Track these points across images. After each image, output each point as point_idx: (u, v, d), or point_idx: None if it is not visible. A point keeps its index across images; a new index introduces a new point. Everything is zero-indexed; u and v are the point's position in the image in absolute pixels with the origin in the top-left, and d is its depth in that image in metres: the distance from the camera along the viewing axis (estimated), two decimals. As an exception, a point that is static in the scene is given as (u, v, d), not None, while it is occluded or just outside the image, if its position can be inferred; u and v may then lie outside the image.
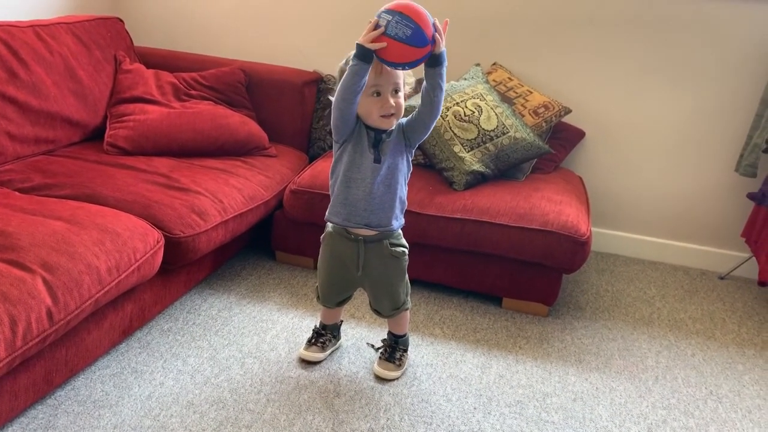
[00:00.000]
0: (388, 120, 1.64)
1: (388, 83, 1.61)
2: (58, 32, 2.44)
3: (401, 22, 1.48)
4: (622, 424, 1.80)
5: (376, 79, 1.60)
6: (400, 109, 1.65)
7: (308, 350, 1.96)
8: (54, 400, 1.70)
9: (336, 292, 1.90)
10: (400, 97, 1.64)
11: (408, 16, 1.48)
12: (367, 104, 1.63)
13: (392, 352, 1.94)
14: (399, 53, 1.50)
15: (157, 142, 2.42)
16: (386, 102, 1.62)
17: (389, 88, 1.62)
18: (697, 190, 2.81)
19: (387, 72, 1.59)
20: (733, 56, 2.61)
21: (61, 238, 1.65)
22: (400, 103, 1.64)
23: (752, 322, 2.45)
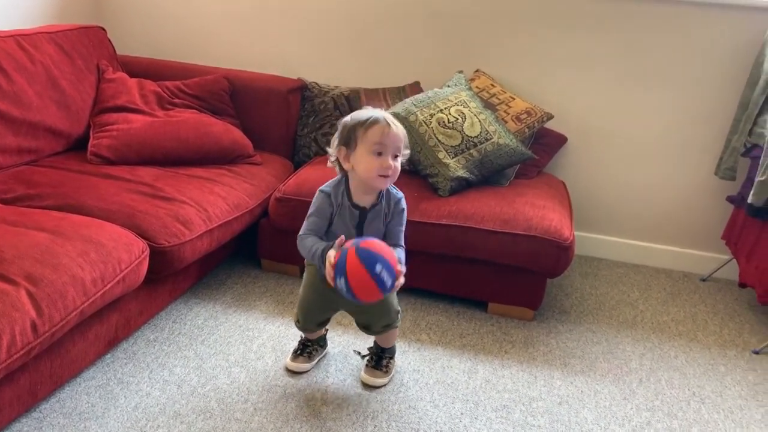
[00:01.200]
0: (384, 180, 1.66)
1: (391, 146, 1.64)
2: (40, 42, 2.43)
3: (345, 288, 1.54)
4: (607, 426, 1.82)
5: (381, 138, 1.62)
6: (396, 173, 1.67)
7: (295, 361, 1.95)
8: (39, 413, 1.69)
9: (317, 313, 1.88)
10: (398, 162, 1.66)
11: (351, 290, 1.54)
12: (367, 162, 1.64)
13: (378, 359, 1.94)
14: (368, 293, 1.56)
15: (141, 152, 2.41)
16: (386, 163, 1.63)
17: (391, 152, 1.64)
18: (678, 193, 2.85)
19: (393, 135, 1.63)
20: (711, 62, 2.65)
21: (45, 249, 1.64)
22: (397, 167, 1.66)
23: (734, 323, 2.48)
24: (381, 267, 1.51)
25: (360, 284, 1.52)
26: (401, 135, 1.65)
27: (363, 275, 1.51)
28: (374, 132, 1.62)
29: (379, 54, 2.96)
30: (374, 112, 1.66)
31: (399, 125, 1.66)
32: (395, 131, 1.63)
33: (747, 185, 2.47)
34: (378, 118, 1.64)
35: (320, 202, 1.73)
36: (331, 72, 3.00)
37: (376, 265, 1.51)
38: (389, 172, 1.64)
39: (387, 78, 2.93)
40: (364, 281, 1.52)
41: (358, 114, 1.68)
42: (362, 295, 1.55)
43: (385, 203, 1.74)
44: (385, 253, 1.55)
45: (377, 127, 1.62)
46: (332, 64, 3.02)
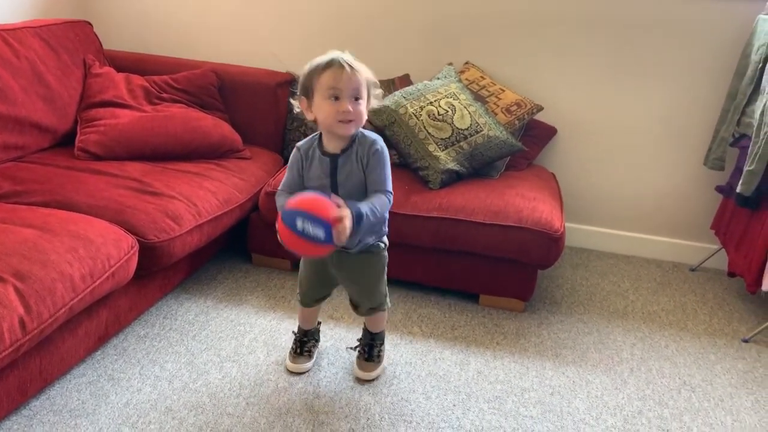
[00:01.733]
0: (346, 126, 1.57)
1: (347, 89, 1.55)
2: (25, 36, 2.40)
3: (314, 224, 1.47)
4: (599, 416, 1.83)
5: (335, 82, 1.54)
6: (360, 117, 1.58)
7: (296, 362, 1.92)
8: (29, 410, 1.68)
9: (314, 289, 1.88)
10: (360, 105, 1.58)
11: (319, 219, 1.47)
12: (324, 107, 1.57)
13: (370, 349, 1.94)
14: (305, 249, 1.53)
15: (129, 147, 2.39)
16: (342, 106, 1.55)
17: (348, 94, 1.55)
18: (668, 184, 2.87)
19: (347, 77, 1.54)
20: (699, 53, 2.66)
21: (33, 245, 1.62)
22: (360, 110, 1.57)
23: (723, 312, 2.50)
24: (302, 221, 1.45)
25: (292, 243, 1.49)
26: (359, 77, 1.56)
27: (289, 235, 1.48)
28: (327, 76, 1.54)
29: (369, 46, 2.94)
30: (331, 54, 1.57)
31: (359, 66, 1.57)
32: (349, 73, 1.54)
33: (735, 175, 2.49)
34: (332, 60, 1.55)
35: (292, 157, 1.69)
36: (320, 65, 2.99)
37: (296, 221, 1.46)
38: (349, 117, 1.55)
39: (376, 70, 2.84)
40: (293, 240, 1.48)
41: (315, 59, 1.59)
42: (303, 251, 1.54)
43: (357, 146, 1.63)
44: (306, 205, 1.48)
45: (330, 71, 1.54)
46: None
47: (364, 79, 1.58)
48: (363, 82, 1.57)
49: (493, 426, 1.75)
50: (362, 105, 1.58)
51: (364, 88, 1.59)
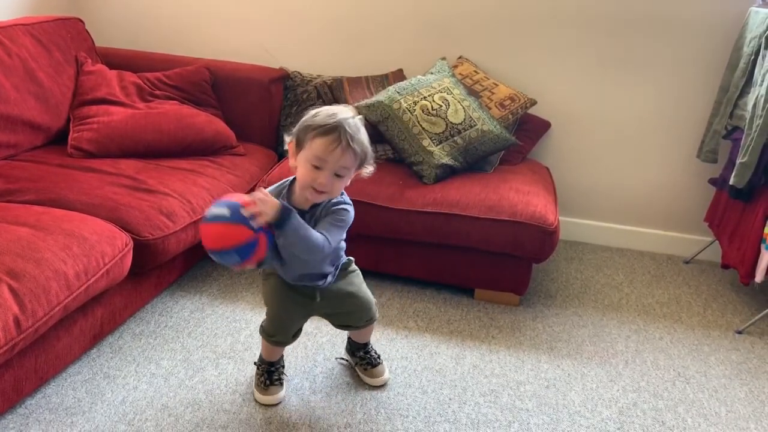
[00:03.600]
0: (317, 195, 1.51)
1: (332, 164, 1.47)
2: (16, 34, 2.39)
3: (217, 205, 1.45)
4: (594, 408, 1.84)
5: (323, 153, 1.46)
6: (335, 192, 1.54)
7: (269, 393, 1.78)
8: (24, 409, 1.67)
9: (296, 323, 1.77)
10: (341, 182, 1.51)
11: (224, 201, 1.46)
12: (304, 170, 1.50)
13: (368, 356, 1.90)
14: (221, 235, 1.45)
15: (123, 144, 2.38)
16: (320, 178, 1.47)
17: (330, 169, 1.48)
18: (661, 177, 2.87)
19: (338, 153, 1.46)
20: (692, 46, 2.67)
21: (27, 244, 1.62)
22: (338, 187, 1.52)
23: (717, 304, 2.51)
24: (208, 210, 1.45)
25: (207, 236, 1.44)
26: (350, 156, 1.47)
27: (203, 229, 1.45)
28: (318, 144, 1.46)
29: (362, 42, 2.94)
30: (338, 119, 1.47)
31: (359, 142, 1.49)
32: (340, 152, 1.46)
33: (729, 167, 2.50)
34: (333, 128, 1.46)
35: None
36: (314, 61, 2.99)
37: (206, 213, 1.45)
38: (321, 188, 1.49)
39: (370, 66, 2.92)
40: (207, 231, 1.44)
41: (324, 112, 1.51)
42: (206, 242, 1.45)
43: (323, 207, 1.57)
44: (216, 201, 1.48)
45: (325, 140, 1.46)
46: (314, 53, 3.00)
47: (356, 158, 1.50)
48: (354, 161, 1.50)
49: (489, 419, 1.76)
50: (343, 182, 1.52)
51: (354, 167, 1.52)
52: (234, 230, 1.42)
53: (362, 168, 1.56)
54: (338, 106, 1.55)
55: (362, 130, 1.52)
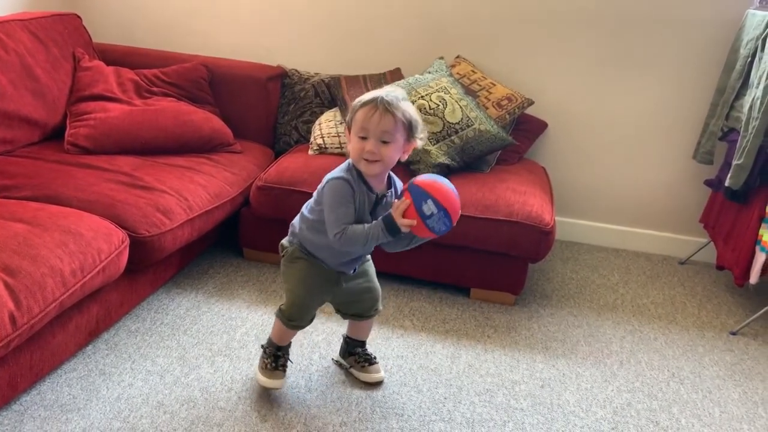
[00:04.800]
0: (370, 165, 1.56)
1: (374, 131, 1.53)
2: (13, 30, 2.38)
3: (444, 219, 1.52)
4: (589, 408, 1.85)
5: (363, 122, 1.54)
6: (387, 160, 1.56)
7: (272, 377, 1.78)
8: (19, 405, 1.67)
9: (315, 308, 1.78)
10: (388, 148, 1.54)
11: (450, 217, 1.53)
12: (353, 143, 1.57)
13: (366, 354, 1.91)
14: (421, 233, 1.56)
15: (120, 141, 2.38)
16: (367, 146, 1.54)
17: (374, 136, 1.53)
18: (657, 178, 2.88)
19: (376, 118, 1.52)
20: (689, 47, 2.68)
21: (23, 240, 1.62)
22: (386, 153, 1.55)
23: (711, 305, 2.52)
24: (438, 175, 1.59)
25: (443, 193, 1.52)
26: (390, 120, 1.52)
27: (437, 184, 1.53)
28: (360, 114, 1.54)
29: (360, 40, 2.94)
30: (378, 92, 1.56)
31: (400, 107, 1.54)
32: (379, 116, 1.52)
33: (724, 169, 2.51)
34: (372, 99, 1.54)
35: (343, 190, 1.58)
36: (311, 59, 2.99)
37: (441, 177, 1.57)
38: (372, 157, 1.54)
39: (367, 65, 2.91)
40: (442, 189, 1.52)
41: (366, 94, 1.59)
42: (455, 208, 1.54)
43: (393, 191, 1.67)
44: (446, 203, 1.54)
45: (364, 109, 1.54)
46: (312, 50, 3.00)
47: (397, 123, 1.54)
48: (395, 125, 1.54)
49: (484, 418, 1.77)
50: (391, 148, 1.55)
51: (398, 132, 1.55)
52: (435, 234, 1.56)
53: (413, 138, 1.59)
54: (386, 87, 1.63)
55: (406, 103, 1.58)
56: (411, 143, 1.60)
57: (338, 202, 1.57)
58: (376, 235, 1.55)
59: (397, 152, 1.58)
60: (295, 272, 1.73)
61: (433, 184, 1.53)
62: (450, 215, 1.52)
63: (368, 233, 1.55)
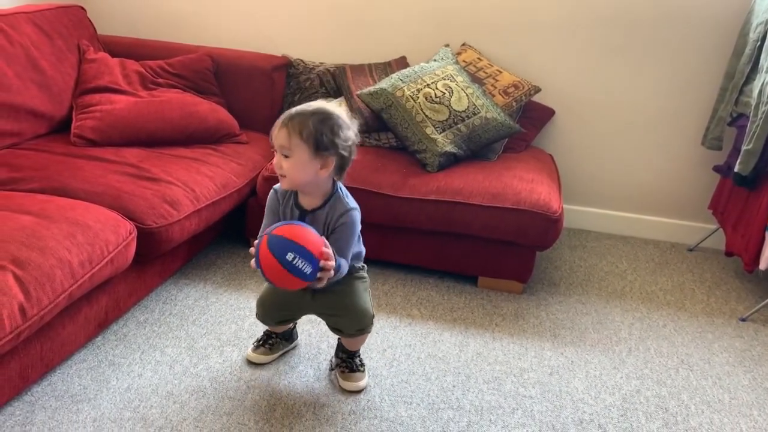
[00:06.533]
0: (281, 180, 1.58)
1: (276, 144, 1.55)
2: (18, 22, 2.38)
3: (305, 258, 1.43)
4: (598, 395, 1.85)
5: (271, 138, 1.56)
6: (289, 174, 1.54)
7: (255, 352, 1.88)
8: (30, 396, 1.68)
9: (277, 311, 1.79)
10: (288, 162, 1.53)
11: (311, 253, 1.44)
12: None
13: (351, 360, 1.83)
14: (285, 281, 1.47)
15: (126, 132, 2.38)
16: (274, 160, 1.57)
17: (278, 150, 1.55)
18: (665, 164, 2.86)
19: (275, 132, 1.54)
20: (697, 32, 2.65)
21: (31, 232, 1.62)
22: (285, 167, 1.53)
23: (720, 291, 2.51)
24: (293, 255, 1.41)
25: (273, 273, 1.44)
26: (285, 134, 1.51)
27: (274, 265, 1.42)
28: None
29: (365, 29, 2.93)
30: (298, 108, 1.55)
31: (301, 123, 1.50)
32: (277, 130, 1.53)
33: (733, 155, 2.49)
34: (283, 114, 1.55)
35: (269, 200, 1.67)
36: (316, 48, 2.97)
37: (287, 254, 1.41)
38: (279, 172, 1.56)
39: (373, 53, 2.90)
40: (276, 270, 1.43)
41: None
42: (280, 283, 1.47)
43: (329, 211, 1.61)
44: (301, 238, 1.44)
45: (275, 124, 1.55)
46: (317, 40, 2.98)
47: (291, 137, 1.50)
48: (289, 140, 1.50)
49: (493, 406, 1.77)
50: (291, 163, 1.52)
51: (297, 147, 1.50)
52: (301, 284, 1.47)
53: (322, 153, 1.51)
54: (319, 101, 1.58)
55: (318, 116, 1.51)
56: (325, 159, 1.53)
57: (266, 211, 1.68)
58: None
59: (301, 169, 1.53)
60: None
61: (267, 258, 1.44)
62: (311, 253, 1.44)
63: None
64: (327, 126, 1.52)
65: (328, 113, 1.54)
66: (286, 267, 1.42)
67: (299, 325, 2.01)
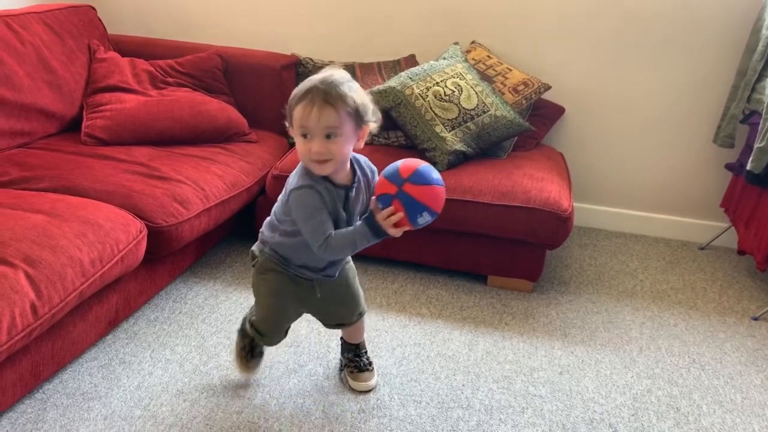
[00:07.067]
0: (321, 166, 1.41)
1: (317, 127, 1.37)
2: (29, 22, 2.39)
3: (433, 218, 1.43)
4: (609, 395, 1.84)
5: (302, 120, 1.38)
6: (337, 155, 1.40)
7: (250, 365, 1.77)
8: (42, 393, 1.70)
9: (289, 323, 1.71)
10: (336, 144, 1.39)
11: (438, 214, 1.44)
12: (298, 143, 1.42)
13: (359, 359, 1.81)
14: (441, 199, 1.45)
15: (136, 132, 2.39)
16: (314, 146, 1.38)
17: (318, 132, 1.38)
18: (676, 162, 2.84)
19: (315, 115, 1.36)
20: (709, 29, 2.62)
21: (42, 231, 1.63)
22: (336, 150, 1.39)
23: (732, 290, 2.49)
24: (436, 172, 1.42)
25: (439, 200, 1.41)
26: (332, 112, 1.36)
27: (435, 191, 1.40)
28: (298, 111, 1.38)
29: (374, 27, 2.92)
30: (314, 80, 1.39)
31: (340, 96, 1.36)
32: (318, 111, 1.35)
33: (746, 152, 2.46)
34: (308, 91, 1.38)
35: (310, 199, 1.44)
36: (326, 47, 2.97)
37: (433, 174, 1.41)
38: (321, 157, 1.39)
39: (382, 51, 2.90)
40: (439, 194, 1.41)
41: (302, 84, 1.41)
42: (442, 204, 1.43)
43: (361, 175, 1.52)
44: (419, 161, 1.43)
45: (301, 105, 1.38)
46: (326, 38, 2.98)
47: (341, 114, 1.37)
48: (339, 118, 1.37)
49: (503, 405, 1.76)
50: (339, 143, 1.39)
51: (344, 123, 1.38)
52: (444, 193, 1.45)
53: (363, 123, 1.43)
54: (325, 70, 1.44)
55: (347, 86, 1.39)
56: (363, 129, 1.44)
57: (309, 214, 1.44)
58: (363, 240, 1.43)
59: (348, 145, 1.42)
60: (266, 284, 1.62)
61: (428, 192, 1.39)
62: (438, 214, 1.44)
63: (354, 239, 1.44)
64: (360, 92, 1.42)
65: (351, 79, 1.43)
66: (440, 184, 1.42)
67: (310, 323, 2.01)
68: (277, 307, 1.66)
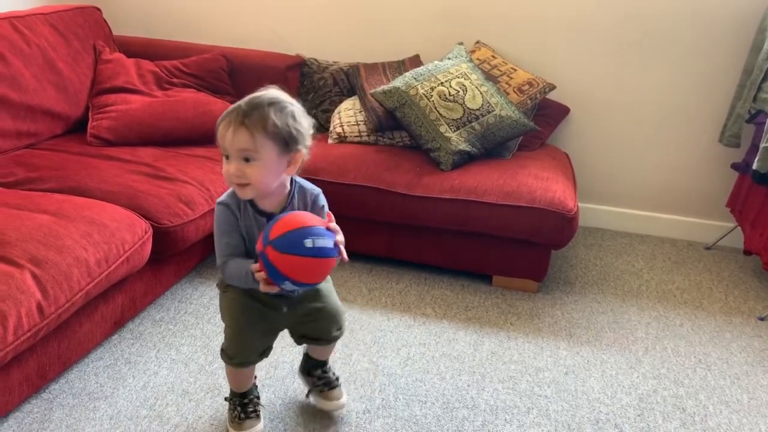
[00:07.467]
0: (241, 189, 1.33)
1: (232, 148, 1.29)
2: (35, 23, 2.40)
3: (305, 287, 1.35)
4: (614, 395, 1.83)
5: (220, 140, 1.31)
6: (253, 180, 1.31)
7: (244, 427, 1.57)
8: (48, 393, 1.70)
9: (260, 339, 1.53)
10: (252, 167, 1.30)
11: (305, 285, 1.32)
12: (223, 164, 1.35)
13: (326, 375, 1.70)
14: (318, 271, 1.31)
15: (141, 132, 2.40)
16: (231, 168, 1.31)
17: (235, 154, 1.30)
18: (682, 162, 2.83)
19: (230, 135, 1.29)
20: (714, 28, 2.62)
21: (48, 231, 1.64)
22: (250, 173, 1.30)
23: (738, 290, 2.48)
24: (311, 239, 1.24)
25: (304, 272, 1.26)
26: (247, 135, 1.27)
27: (298, 262, 1.24)
28: (219, 131, 1.31)
29: (378, 28, 2.92)
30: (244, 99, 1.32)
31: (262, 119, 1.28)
32: (232, 132, 1.28)
33: (752, 152, 2.45)
34: (231, 110, 1.31)
35: (222, 217, 1.39)
36: (330, 47, 2.98)
37: (305, 242, 1.24)
38: (236, 180, 1.31)
39: (386, 52, 2.90)
40: (305, 266, 1.25)
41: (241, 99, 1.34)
42: (315, 277, 1.31)
43: (298, 203, 1.42)
44: (302, 222, 1.27)
45: (222, 124, 1.31)
46: (330, 39, 2.99)
47: (256, 138, 1.28)
48: (254, 140, 1.28)
49: (508, 405, 1.76)
50: (256, 166, 1.30)
51: (263, 147, 1.29)
52: (332, 263, 1.31)
53: (291, 150, 1.33)
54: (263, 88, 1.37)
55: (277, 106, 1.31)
56: (294, 155, 1.34)
57: (221, 231, 1.40)
58: (248, 279, 1.33)
59: (269, 171, 1.32)
60: (228, 303, 1.52)
61: (291, 263, 1.24)
62: (310, 285, 1.34)
63: (242, 276, 1.35)
64: (290, 116, 1.32)
65: (285, 101, 1.34)
66: (313, 254, 1.25)
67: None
68: (240, 325, 1.50)
